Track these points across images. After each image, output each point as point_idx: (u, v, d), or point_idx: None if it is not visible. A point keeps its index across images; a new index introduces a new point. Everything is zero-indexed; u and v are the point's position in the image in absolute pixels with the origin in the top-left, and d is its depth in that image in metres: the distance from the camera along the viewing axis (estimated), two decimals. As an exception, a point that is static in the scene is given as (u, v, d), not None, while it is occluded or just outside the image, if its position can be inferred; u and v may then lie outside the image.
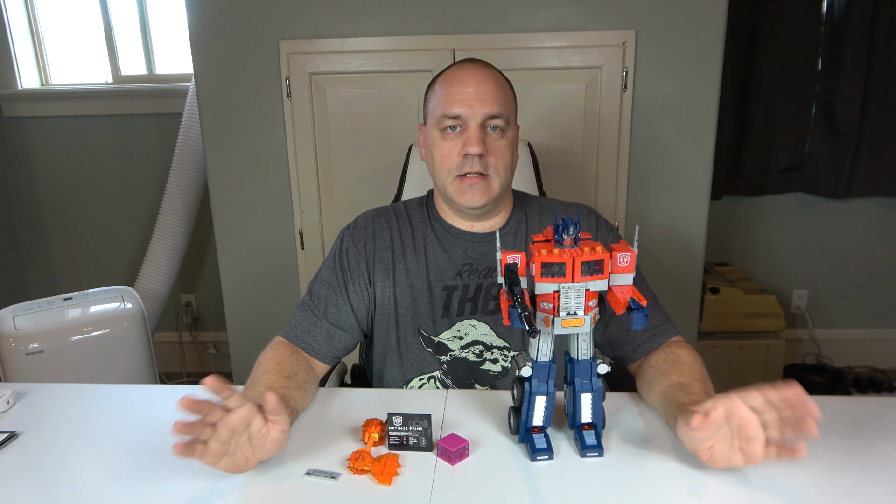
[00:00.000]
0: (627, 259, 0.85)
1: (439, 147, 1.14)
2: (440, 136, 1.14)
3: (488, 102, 1.11)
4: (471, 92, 1.11)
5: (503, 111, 1.13)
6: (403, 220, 1.23)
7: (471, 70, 1.14)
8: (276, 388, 0.98)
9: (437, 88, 1.16)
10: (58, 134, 2.67)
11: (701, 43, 1.87)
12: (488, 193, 1.13)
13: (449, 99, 1.12)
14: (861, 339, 2.81)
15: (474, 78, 1.12)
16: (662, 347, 1.10)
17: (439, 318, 1.17)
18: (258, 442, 0.84)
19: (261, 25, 1.91)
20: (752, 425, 0.80)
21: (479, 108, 1.11)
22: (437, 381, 1.18)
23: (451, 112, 1.11)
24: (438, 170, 1.16)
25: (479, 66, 1.15)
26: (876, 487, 0.84)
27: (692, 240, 2.03)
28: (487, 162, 1.12)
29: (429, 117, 1.18)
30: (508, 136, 1.15)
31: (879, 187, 2.60)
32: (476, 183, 1.12)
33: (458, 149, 1.12)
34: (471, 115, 1.11)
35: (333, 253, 1.21)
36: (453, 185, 1.14)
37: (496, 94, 1.12)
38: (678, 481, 0.86)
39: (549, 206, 1.26)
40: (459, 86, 1.12)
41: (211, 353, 2.92)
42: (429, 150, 1.18)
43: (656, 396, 1.00)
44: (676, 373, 1.01)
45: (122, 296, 2.14)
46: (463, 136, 1.12)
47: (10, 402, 1.07)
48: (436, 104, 1.15)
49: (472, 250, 1.19)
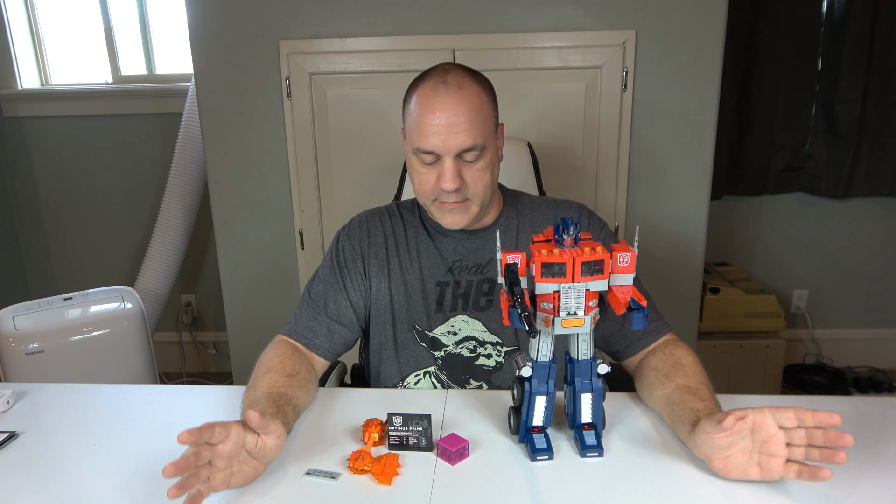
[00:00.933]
0: (627, 259, 0.85)
1: (417, 172, 1.14)
2: (417, 161, 1.13)
3: (461, 136, 1.07)
4: (442, 126, 1.07)
5: (477, 141, 1.09)
6: (396, 220, 1.25)
7: (443, 97, 1.08)
8: (279, 388, 0.99)
9: (413, 111, 1.12)
10: (58, 134, 2.67)
11: (701, 43, 1.87)
12: (468, 215, 1.14)
13: (422, 132, 1.09)
14: (861, 339, 2.81)
15: (446, 109, 1.07)
16: (661, 348, 1.10)
17: (433, 312, 1.18)
18: (258, 454, 0.85)
19: (261, 25, 1.91)
20: (777, 442, 0.80)
21: (453, 142, 1.07)
22: (433, 376, 1.19)
23: (425, 147, 1.09)
24: (418, 192, 1.16)
25: (452, 90, 1.08)
26: (876, 487, 0.84)
27: (692, 240, 2.03)
28: (464, 192, 1.11)
29: (406, 135, 1.16)
30: (487, 157, 1.12)
31: (879, 187, 2.60)
32: (455, 208, 1.13)
33: (433, 178, 1.11)
34: (444, 150, 1.08)
35: (331, 253, 1.23)
36: (434, 207, 1.15)
37: (468, 125, 1.08)
38: (678, 481, 0.86)
39: (542, 203, 1.26)
40: (432, 118, 1.08)
41: (211, 353, 2.92)
42: (408, 166, 1.18)
43: (659, 399, 1.00)
44: (680, 375, 1.00)
45: (122, 296, 2.14)
46: (437, 169, 1.10)
47: (10, 402, 1.07)
48: (411, 127, 1.12)
49: (461, 247, 1.21)
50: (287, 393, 0.98)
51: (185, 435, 0.77)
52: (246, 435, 0.83)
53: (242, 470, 0.84)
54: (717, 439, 0.82)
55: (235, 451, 0.82)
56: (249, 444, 0.83)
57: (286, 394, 0.98)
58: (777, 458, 0.80)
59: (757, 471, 0.82)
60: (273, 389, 0.98)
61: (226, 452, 0.81)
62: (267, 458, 0.86)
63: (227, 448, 0.81)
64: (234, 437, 0.82)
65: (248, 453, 0.84)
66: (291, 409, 0.97)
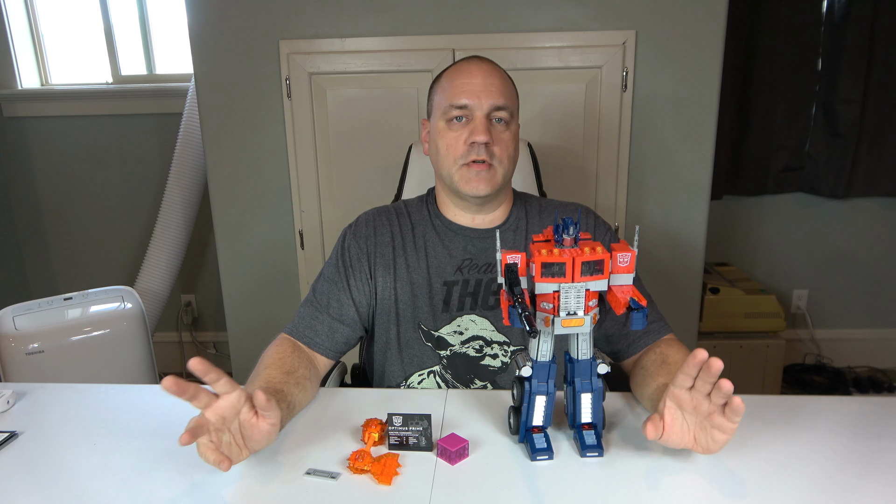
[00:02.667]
0: (627, 259, 0.85)
1: (444, 137, 1.17)
2: (446, 126, 1.17)
3: (494, 94, 1.14)
4: (477, 83, 1.14)
5: (508, 103, 1.16)
6: (404, 218, 1.24)
7: (477, 64, 1.17)
8: (275, 384, 0.99)
9: (444, 82, 1.19)
10: (58, 134, 2.67)
11: (701, 43, 1.87)
12: (493, 182, 1.15)
13: (455, 90, 1.15)
14: (861, 339, 2.81)
15: (481, 71, 1.16)
16: (653, 348, 1.11)
17: (439, 312, 1.18)
18: (248, 432, 0.84)
19: (261, 25, 1.91)
20: (700, 404, 0.82)
21: (486, 98, 1.14)
22: (437, 375, 1.18)
23: (458, 102, 1.14)
24: (444, 159, 1.18)
25: (485, 61, 1.19)
26: (876, 487, 0.84)
27: (692, 240, 2.03)
28: (493, 151, 1.14)
29: (434, 110, 1.21)
30: (512, 129, 1.18)
31: (879, 187, 2.60)
32: (481, 170, 1.15)
33: (463, 138, 1.15)
34: (477, 106, 1.14)
35: (336, 251, 1.23)
36: (459, 174, 1.16)
37: (501, 87, 1.16)
38: (678, 481, 0.86)
39: (549, 206, 1.28)
40: (466, 77, 1.15)
41: (211, 353, 2.92)
42: (433, 141, 1.21)
43: (646, 399, 1.01)
44: (663, 374, 1.01)
45: (122, 296, 2.14)
46: (469, 126, 1.15)
47: (10, 402, 1.07)
48: (442, 96, 1.18)
49: (472, 245, 1.21)
50: (282, 389, 0.98)
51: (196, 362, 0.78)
52: (244, 404, 0.83)
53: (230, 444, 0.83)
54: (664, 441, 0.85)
55: (231, 413, 0.82)
56: (244, 416, 0.83)
57: (281, 390, 0.98)
58: (713, 414, 0.81)
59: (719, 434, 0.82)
60: (269, 384, 0.98)
61: (221, 408, 0.81)
62: (254, 442, 0.85)
63: (224, 404, 0.81)
64: (234, 398, 0.81)
65: (240, 426, 0.83)
66: (286, 406, 0.96)
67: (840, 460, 0.89)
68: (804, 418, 0.99)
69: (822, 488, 0.83)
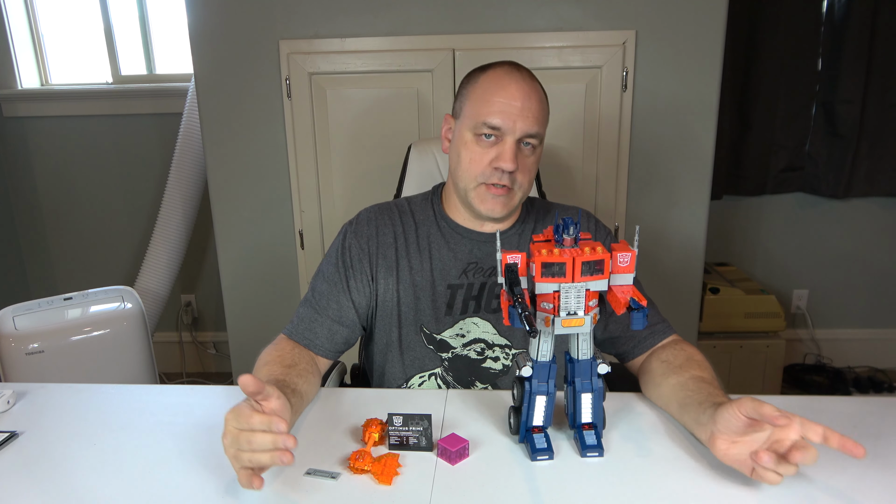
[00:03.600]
0: (627, 259, 0.85)
1: (469, 150, 1.13)
2: (473, 139, 1.12)
3: (530, 121, 1.09)
4: (516, 106, 1.09)
5: (541, 131, 1.13)
6: (407, 217, 1.22)
7: (518, 82, 1.10)
8: (277, 375, 0.99)
9: (480, 91, 1.12)
10: (58, 134, 2.67)
11: (701, 43, 1.87)
12: (509, 206, 1.14)
13: (492, 108, 1.09)
14: (861, 339, 2.81)
15: (521, 92, 1.09)
16: (671, 345, 1.11)
17: (442, 315, 1.17)
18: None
19: (261, 25, 1.91)
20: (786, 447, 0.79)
21: (521, 124, 1.09)
22: (438, 378, 1.18)
23: (492, 122, 1.09)
24: (464, 172, 1.14)
25: (527, 77, 1.12)
26: (876, 487, 0.84)
27: (692, 240, 2.03)
28: (515, 178, 1.12)
29: (463, 115, 1.15)
30: (538, 152, 1.15)
31: (879, 187, 2.60)
32: (500, 195, 1.12)
33: (489, 157, 1.11)
34: (510, 130, 1.09)
35: (336, 248, 1.21)
36: (476, 192, 1.14)
37: (538, 112, 1.11)
38: (678, 481, 0.86)
39: (551, 209, 1.28)
40: (505, 96, 1.09)
41: (211, 353, 2.92)
42: (455, 147, 1.16)
43: (672, 386, 0.99)
44: (694, 368, 1.00)
45: (122, 296, 2.14)
46: (497, 148, 1.11)
47: (10, 402, 1.07)
48: (475, 106, 1.12)
49: (478, 249, 1.20)
50: (286, 380, 0.97)
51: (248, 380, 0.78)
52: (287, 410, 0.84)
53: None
54: (743, 424, 0.80)
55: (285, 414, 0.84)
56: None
57: (285, 380, 0.97)
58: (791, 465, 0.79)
59: (750, 467, 0.81)
60: (273, 377, 0.98)
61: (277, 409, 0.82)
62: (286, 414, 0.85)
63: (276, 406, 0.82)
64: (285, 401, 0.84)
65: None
66: (292, 393, 0.95)
67: (840, 460, 0.89)
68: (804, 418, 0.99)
69: (822, 488, 0.83)
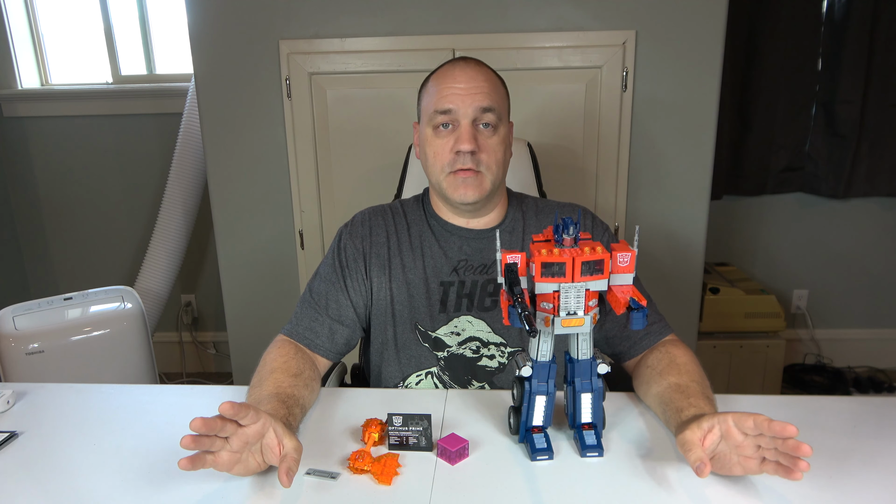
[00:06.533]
0: (627, 259, 0.85)
1: (431, 144, 1.16)
2: (432, 133, 1.16)
3: (479, 97, 1.12)
4: (461, 88, 1.12)
5: (494, 105, 1.14)
6: (400, 218, 1.24)
7: (462, 67, 1.15)
8: (285, 388, 0.99)
9: (430, 86, 1.18)
10: (58, 134, 2.67)
11: (701, 43, 1.87)
12: (481, 189, 1.15)
13: (440, 95, 1.14)
14: (861, 339, 2.81)
15: (465, 75, 1.14)
16: (658, 347, 1.11)
17: (436, 313, 1.18)
18: (269, 454, 0.84)
19: (261, 25, 1.91)
20: (746, 447, 0.82)
21: (470, 102, 1.12)
22: (435, 376, 1.18)
23: (442, 107, 1.13)
24: (431, 167, 1.17)
25: (471, 63, 1.17)
26: (876, 487, 0.84)
27: (692, 240, 2.03)
28: (479, 159, 1.13)
29: (422, 115, 1.20)
30: (500, 133, 1.16)
31: (879, 187, 2.60)
32: (468, 177, 1.13)
33: (449, 146, 1.14)
34: (462, 112, 1.12)
35: (332, 250, 1.23)
36: (447, 181, 1.15)
37: (487, 89, 1.14)
38: (678, 481, 0.86)
39: (546, 206, 1.27)
40: (450, 82, 1.14)
41: (211, 353, 2.92)
42: (422, 147, 1.20)
43: (653, 397, 1.01)
44: (673, 373, 1.01)
45: (122, 296, 2.14)
46: (454, 134, 1.14)
47: (10, 402, 1.07)
48: (428, 101, 1.17)
49: (467, 246, 1.21)
50: (294, 393, 0.99)
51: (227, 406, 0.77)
52: (269, 429, 0.83)
53: (248, 461, 0.84)
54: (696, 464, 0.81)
55: (255, 439, 0.82)
56: (267, 440, 0.83)
57: (293, 394, 0.98)
58: (752, 458, 0.82)
59: (739, 469, 0.83)
60: (280, 389, 0.98)
61: (247, 435, 0.81)
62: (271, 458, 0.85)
63: (251, 433, 0.81)
64: (260, 427, 0.82)
65: (262, 448, 0.84)
66: (299, 410, 0.97)
67: (840, 460, 0.89)
68: (804, 418, 0.99)
69: (822, 488, 0.83)
